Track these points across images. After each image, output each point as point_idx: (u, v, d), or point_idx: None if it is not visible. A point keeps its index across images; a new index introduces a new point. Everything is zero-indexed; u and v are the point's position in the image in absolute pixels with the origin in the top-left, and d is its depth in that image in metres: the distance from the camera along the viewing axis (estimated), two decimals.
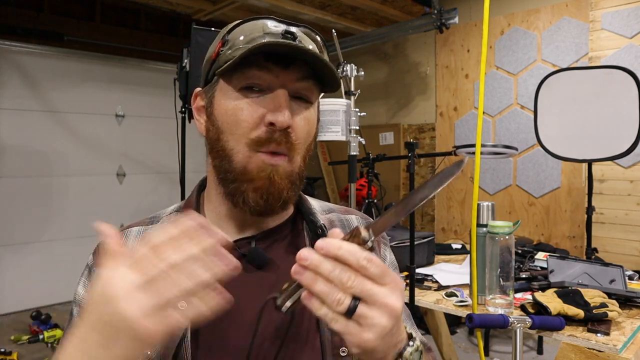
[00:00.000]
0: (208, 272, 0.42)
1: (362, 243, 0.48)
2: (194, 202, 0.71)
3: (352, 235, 0.48)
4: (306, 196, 0.77)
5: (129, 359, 0.42)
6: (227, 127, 0.63)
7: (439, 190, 0.50)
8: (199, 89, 0.71)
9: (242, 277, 0.64)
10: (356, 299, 0.45)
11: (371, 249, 0.48)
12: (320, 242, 0.46)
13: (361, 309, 0.45)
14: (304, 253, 0.45)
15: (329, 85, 0.66)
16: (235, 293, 0.62)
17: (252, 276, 0.65)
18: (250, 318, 0.61)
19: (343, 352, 0.63)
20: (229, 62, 0.61)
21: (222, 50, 0.64)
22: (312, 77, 0.64)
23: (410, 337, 0.54)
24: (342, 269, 0.45)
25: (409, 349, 0.52)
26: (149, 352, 0.60)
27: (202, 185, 0.74)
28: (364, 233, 0.48)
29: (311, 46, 0.63)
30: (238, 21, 0.65)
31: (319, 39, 0.66)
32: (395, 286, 0.47)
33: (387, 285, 0.46)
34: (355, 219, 0.79)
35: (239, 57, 0.59)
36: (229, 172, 0.64)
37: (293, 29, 0.63)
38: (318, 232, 0.70)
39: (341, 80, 2.09)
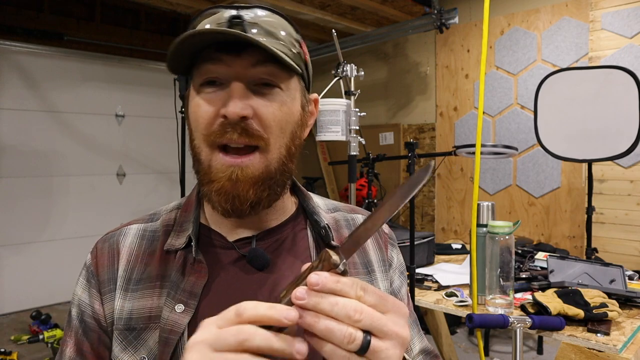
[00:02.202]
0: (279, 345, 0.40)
1: (332, 267, 0.43)
2: (194, 201, 0.69)
3: (322, 260, 0.44)
4: (311, 194, 0.75)
5: None
6: (192, 125, 0.62)
7: (409, 198, 0.46)
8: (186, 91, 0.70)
9: (243, 279, 0.63)
10: (366, 333, 0.41)
11: (343, 273, 0.43)
12: (314, 278, 0.41)
13: (374, 343, 0.41)
14: (300, 293, 0.41)
15: (296, 63, 0.61)
16: (235, 295, 0.62)
17: (252, 278, 0.63)
18: None
19: None
20: (177, 62, 0.59)
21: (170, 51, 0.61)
22: (272, 60, 0.58)
23: None
24: (345, 302, 0.41)
25: None
26: (144, 356, 0.59)
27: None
28: (334, 257, 0.43)
29: (268, 27, 0.59)
30: (206, 8, 0.62)
31: (275, 15, 0.62)
32: (399, 311, 0.44)
33: (390, 312, 0.43)
34: (362, 217, 0.77)
35: (171, 53, 0.57)
36: (198, 172, 0.62)
37: (243, 12, 0.60)
38: (322, 232, 0.68)
39: (340, 80, 2.09)
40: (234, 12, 0.60)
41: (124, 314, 0.61)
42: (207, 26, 0.60)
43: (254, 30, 0.59)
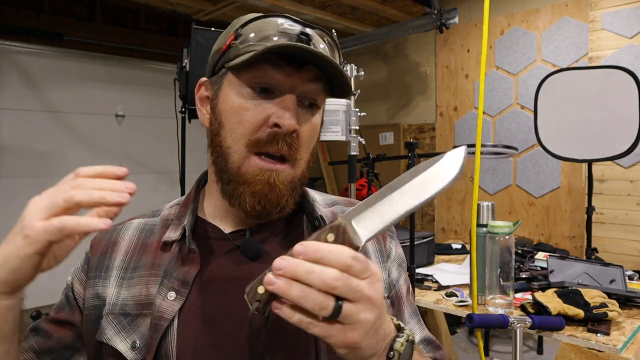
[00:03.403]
0: (100, 192, 0.49)
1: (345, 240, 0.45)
2: (192, 196, 0.71)
3: (324, 232, 0.45)
4: (308, 189, 0.75)
5: (12, 256, 0.48)
6: (229, 124, 0.62)
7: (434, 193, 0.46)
8: (204, 78, 0.69)
9: (235, 268, 0.64)
10: (339, 299, 0.42)
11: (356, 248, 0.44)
12: (297, 247, 0.43)
13: (346, 308, 0.42)
14: (277, 263, 0.43)
15: (339, 89, 0.65)
16: (226, 283, 0.63)
17: (244, 268, 0.64)
18: (239, 311, 0.60)
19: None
20: (242, 57, 0.60)
21: (233, 44, 0.62)
22: (322, 80, 0.63)
23: (399, 328, 0.51)
24: (323, 269, 0.42)
25: (399, 340, 0.50)
26: (136, 341, 0.60)
27: (202, 180, 0.74)
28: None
29: (322, 46, 0.62)
30: (253, 16, 0.64)
31: (331, 41, 0.66)
32: (375, 277, 0.45)
33: (368, 278, 0.44)
34: None
35: (252, 56, 0.58)
36: (224, 171, 0.63)
37: (308, 30, 0.62)
38: (315, 223, 0.68)
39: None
40: (299, 28, 0.62)
41: (119, 300, 0.64)
42: (271, 32, 0.61)
43: (322, 47, 0.62)
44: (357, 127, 2.03)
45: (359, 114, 2.03)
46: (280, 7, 3.79)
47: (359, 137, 2.04)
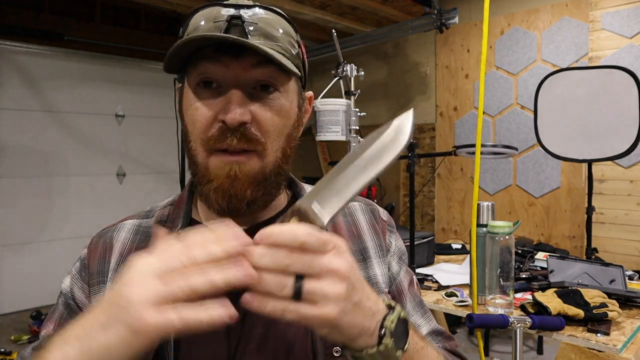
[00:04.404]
0: (221, 274, 0.40)
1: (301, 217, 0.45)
2: (185, 197, 0.69)
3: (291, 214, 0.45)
4: (304, 184, 0.74)
5: (118, 351, 0.41)
6: (189, 127, 0.61)
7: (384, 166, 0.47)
8: (179, 85, 0.68)
9: None
10: (299, 277, 0.41)
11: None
12: (257, 236, 0.43)
13: (307, 285, 0.41)
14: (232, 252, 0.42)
15: (295, 64, 0.61)
16: None
17: None
18: (235, 315, 0.59)
19: (336, 352, 0.60)
20: (175, 58, 0.59)
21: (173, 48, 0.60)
22: (271, 62, 0.58)
23: (389, 307, 0.50)
24: (273, 252, 0.41)
25: (389, 317, 0.48)
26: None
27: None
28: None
29: (270, 29, 0.59)
30: (202, 5, 0.61)
31: (273, 14, 0.62)
32: (339, 250, 0.44)
33: (330, 252, 0.43)
34: (358, 205, 0.76)
35: (178, 55, 0.57)
36: (195, 174, 0.62)
37: (242, 11, 0.59)
38: None
39: (340, 80, 2.09)
40: (232, 11, 0.59)
41: None
42: (202, 23, 0.59)
43: (252, 29, 0.58)
44: (357, 127, 2.03)
45: (359, 114, 2.03)
46: (280, 7, 3.78)
47: (359, 137, 2.04)
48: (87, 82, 4.34)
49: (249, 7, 0.60)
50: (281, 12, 0.63)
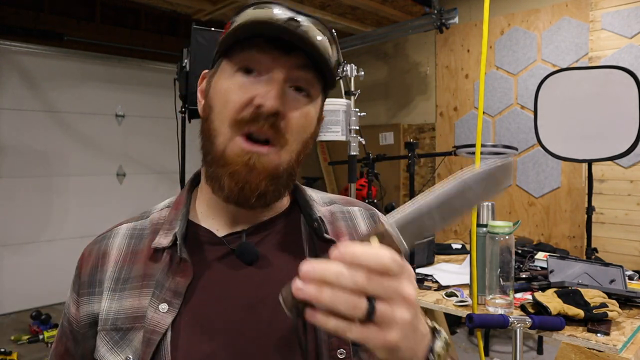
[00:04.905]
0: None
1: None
2: (184, 199, 0.69)
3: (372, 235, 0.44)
4: (304, 187, 0.74)
5: None
6: (216, 107, 0.62)
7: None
8: (206, 70, 0.69)
9: (230, 274, 0.62)
10: (371, 298, 0.41)
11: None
12: (335, 251, 0.41)
13: (380, 308, 0.41)
14: (306, 267, 0.41)
15: (327, 80, 0.64)
16: (221, 291, 0.61)
17: (239, 273, 0.62)
18: (236, 318, 0.58)
19: (341, 354, 0.59)
20: (226, 41, 0.60)
21: (228, 32, 0.63)
22: (313, 69, 0.61)
23: (434, 330, 0.51)
24: (352, 270, 0.40)
25: (438, 343, 0.49)
26: (129, 356, 0.58)
27: (194, 180, 0.73)
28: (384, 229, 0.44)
29: (320, 38, 0.60)
30: (250, 4, 0.63)
31: (327, 32, 0.63)
32: (410, 276, 0.43)
33: (403, 277, 0.42)
34: (358, 210, 0.75)
35: (232, 36, 0.59)
36: (209, 153, 0.62)
37: (300, 17, 0.60)
38: (314, 225, 0.67)
39: (340, 80, 2.09)
40: (289, 14, 0.60)
41: (110, 315, 0.61)
42: (260, 17, 0.60)
43: (319, 38, 0.60)
44: (357, 127, 2.03)
45: (359, 114, 2.03)
46: None
47: (359, 137, 2.04)
48: (87, 82, 4.34)
49: (304, 14, 0.62)
50: (329, 27, 0.64)
